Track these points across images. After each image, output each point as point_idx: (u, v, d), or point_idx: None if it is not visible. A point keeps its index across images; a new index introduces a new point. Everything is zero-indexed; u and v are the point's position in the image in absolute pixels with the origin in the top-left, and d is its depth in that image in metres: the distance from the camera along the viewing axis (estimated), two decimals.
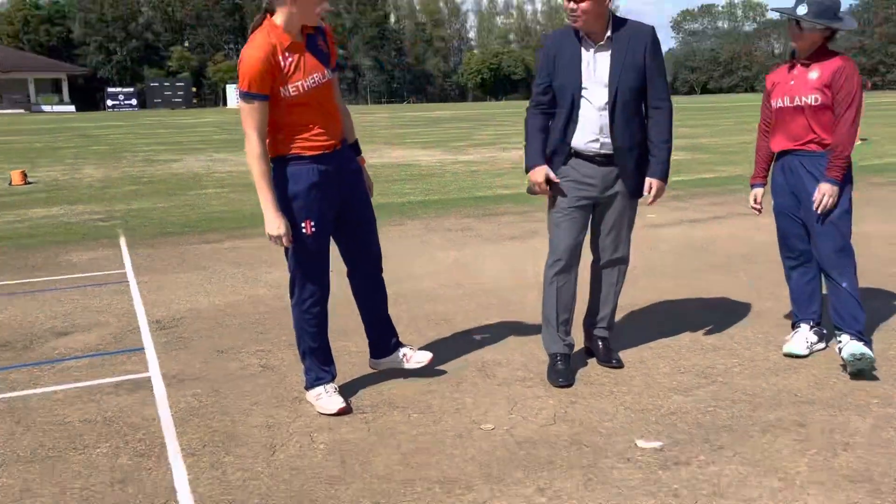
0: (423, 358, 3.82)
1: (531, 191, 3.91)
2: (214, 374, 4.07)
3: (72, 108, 68.10)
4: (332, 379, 3.64)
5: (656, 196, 3.78)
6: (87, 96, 75.92)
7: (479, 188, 11.73)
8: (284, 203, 3.34)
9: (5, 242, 7.89)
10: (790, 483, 2.85)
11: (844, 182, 3.76)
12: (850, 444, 3.13)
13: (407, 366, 3.83)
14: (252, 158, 3.27)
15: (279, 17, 3.25)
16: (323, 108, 3.38)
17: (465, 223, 8.49)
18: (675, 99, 3.91)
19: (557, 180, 3.77)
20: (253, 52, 3.18)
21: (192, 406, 3.66)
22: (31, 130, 33.73)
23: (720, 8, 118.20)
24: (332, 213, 3.49)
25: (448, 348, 4.37)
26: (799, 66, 3.87)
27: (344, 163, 3.51)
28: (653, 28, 3.73)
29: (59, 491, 2.92)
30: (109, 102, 71.51)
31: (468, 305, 5.24)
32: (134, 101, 72.09)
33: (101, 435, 3.37)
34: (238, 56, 3.44)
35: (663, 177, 3.77)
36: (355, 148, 3.68)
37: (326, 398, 3.55)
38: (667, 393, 3.68)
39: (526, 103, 4.12)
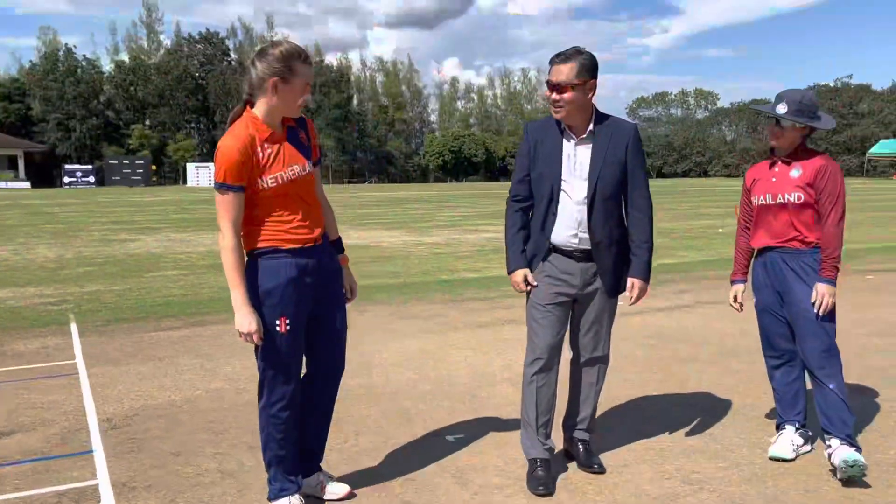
0: (339, 490, 3.53)
1: None
2: (169, 481, 3.77)
3: (27, 184, 67.17)
4: (298, 490, 3.39)
5: (638, 296, 3.67)
6: (44, 173, 75.05)
7: (443, 271, 11.62)
8: (259, 299, 3.16)
9: None
10: None
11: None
12: None
13: (320, 494, 3.53)
14: (225, 251, 3.10)
15: (259, 109, 3.16)
16: (303, 201, 3.25)
17: (431, 309, 8.32)
18: None
19: (535, 284, 3.68)
20: (230, 142, 3.07)
21: None
22: None
23: (673, 96, 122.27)
24: (308, 312, 3.30)
25: (420, 451, 4.14)
26: (780, 163, 3.86)
27: (324, 260, 3.35)
28: (636, 126, 3.70)
29: None
30: (66, 179, 70.69)
31: (438, 401, 5.02)
32: (92, 179, 71.33)
33: None
34: (200, 134, 3.31)
35: (645, 277, 3.68)
36: (337, 246, 3.54)
37: None
38: (653, 503, 3.49)
39: (486, 185, 4.06)
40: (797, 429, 4.02)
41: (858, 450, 3.66)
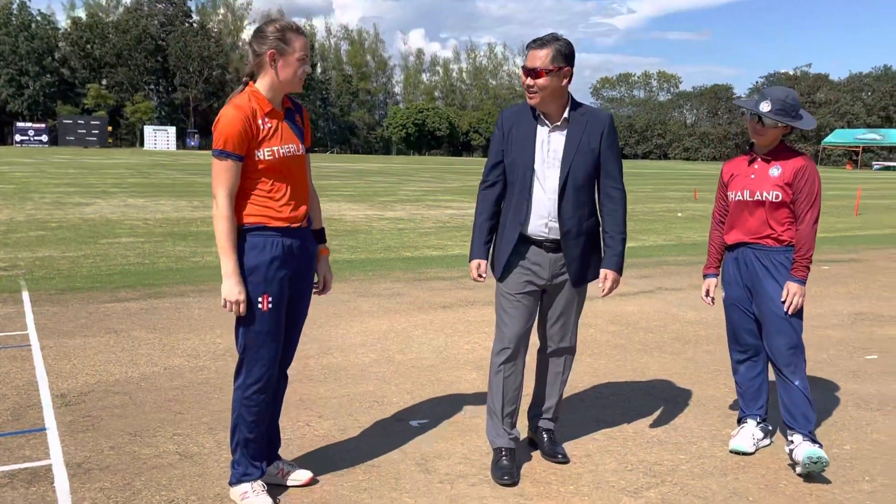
0: (301, 476, 3.49)
1: None
2: (126, 462, 3.68)
3: None
4: (262, 475, 3.33)
5: (611, 288, 3.65)
6: None
7: (406, 247, 11.55)
8: (242, 275, 3.13)
9: None
10: None
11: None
12: None
13: (281, 481, 3.47)
14: (218, 219, 3.10)
15: (261, 84, 3.19)
16: (294, 180, 3.25)
17: (395, 288, 8.26)
18: None
19: (483, 279, 3.70)
20: (232, 112, 3.08)
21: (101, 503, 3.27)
22: None
23: (636, 77, 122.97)
24: (288, 293, 3.26)
25: (384, 436, 4.10)
26: (759, 160, 3.85)
27: (306, 244, 3.34)
28: (611, 115, 3.67)
29: None
30: (18, 137, 68.84)
31: (402, 385, 4.98)
32: (45, 138, 69.58)
33: None
34: (158, 97, 3.28)
35: (618, 269, 3.66)
36: (319, 236, 3.51)
37: (253, 497, 3.24)
38: (616, 494, 3.50)
39: (450, 159, 4.03)
40: (758, 423, 4.07)
41: (820, 446, 3.70)
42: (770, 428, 4.16)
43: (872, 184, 44.48)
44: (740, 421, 4.13)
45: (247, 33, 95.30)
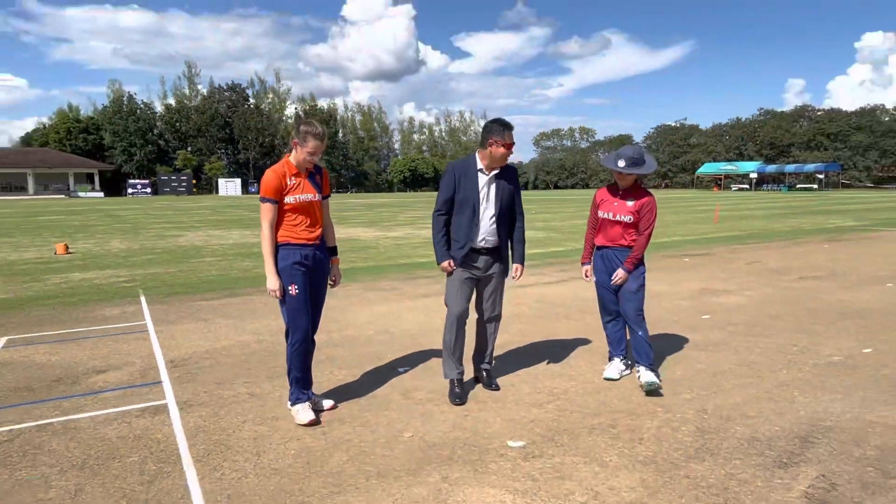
0: (326, 404, 3.85)
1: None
2: (214, 400, 4.05)
3: (101, 194, 64.97)
4: (308, 399, 3.74)
5: (521, 275, 4.07)
6: (113, 185, 72.71)
7: (402, 257, 11.87)
8: (277, 273, 3.56)
9: (53, 300, 7.54)
10: (605, 467, 3.10)
11: (641, 269, 4.15)
12: (643, 439, 3.41)
13: (314, 407, 3.78)
14: (263, 239, 3.55)
15: (292, 156, 3.60)
16: (310, 216, 3.65)
17: (393, 284, 8.61)
18: (535, 193, 4.18)
19: (454, 269, 4.03)
20: (271, 173, 3.55)
21: (199, 424, 3.64)
22: (70, 212, 32.02)
23: (564, 131, 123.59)
24: (309, 284, 3.64)
25: (380, 379, 4.48)
26: (621, 193, 4.24)
27: (318, 255, 3.70)
28: (516, 168, 4.09)
29: (103, 491, 2.88)
30: (130, 190, 68.61)
31: (395, 346, 5.35)
32: (148, 190, 69.35)
33: (132, 448, 3.33)
34: (227, 158, 3.69)
35: (522, 262, 4.09)
36: (332, 250, 3.87)
37: (303, 412, 3.65)
38: (528, 408, 3.89)
39: (435, 194, 4.38)
40: (621, 359, 4.47)
41: (657, 374, 4.11)
42: (630, 363, 4.57)
43: (731, 201, 45.05)
44: (610, 358, 4.53)
45: (289, 111, 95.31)
